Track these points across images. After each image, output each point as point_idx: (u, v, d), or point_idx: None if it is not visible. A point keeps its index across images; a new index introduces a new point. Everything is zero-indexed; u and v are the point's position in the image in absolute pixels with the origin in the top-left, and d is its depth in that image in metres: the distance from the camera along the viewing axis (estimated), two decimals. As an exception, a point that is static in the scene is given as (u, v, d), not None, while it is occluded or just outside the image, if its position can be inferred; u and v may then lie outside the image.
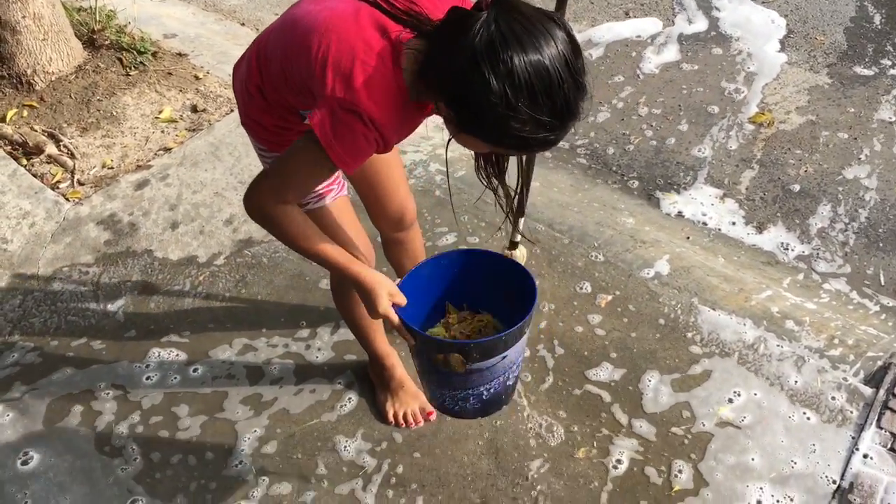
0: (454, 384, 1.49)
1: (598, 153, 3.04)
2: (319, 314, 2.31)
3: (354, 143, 1.31)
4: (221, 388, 2.13)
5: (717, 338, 2.17)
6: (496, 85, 1.16)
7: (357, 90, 1.28)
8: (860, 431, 1.91)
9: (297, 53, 1.40)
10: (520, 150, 1.36)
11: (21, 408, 2.11)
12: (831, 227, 2.67)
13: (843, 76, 3.33)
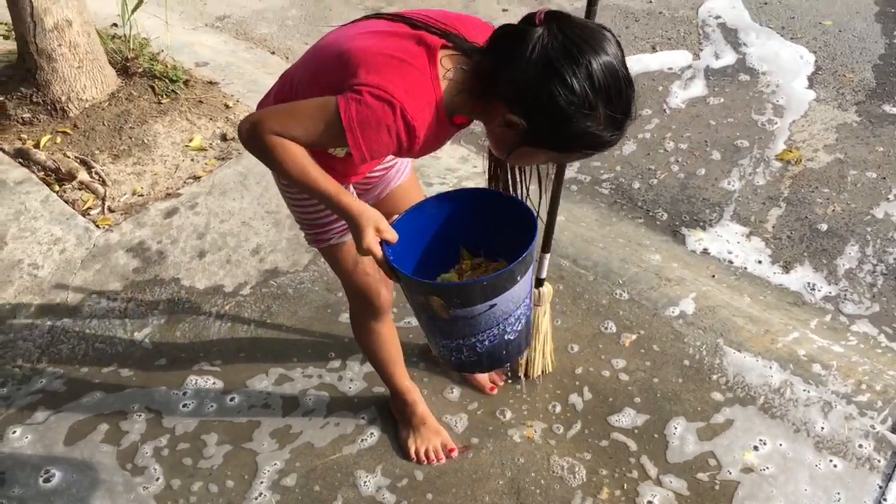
0: (444, 331, 1.45)
1: (624, 187, 3.04)
2: (344, 346, 2.32)
3: (377, 134, 1.32)
4: (248, 418, 2.14)
5: (742, 381, 2.15)
6: (578, 86, 1.22)
7: (394, 80, 1.31)
8: (888, 481, 1.89)
9: (330, 67, 1.43)
10: (590, 151, 1.35)
11: (44, 430, 2.13)
12: (859, 268, 2.65)
13: (871, 114, 3.31)
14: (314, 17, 4.44)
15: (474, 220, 1.55)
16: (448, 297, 1.36)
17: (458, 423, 2.10)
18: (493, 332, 1.43)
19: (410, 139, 1.33)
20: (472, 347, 1.45)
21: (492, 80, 1.31)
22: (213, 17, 4.50)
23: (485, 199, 1.55)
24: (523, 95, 1.27)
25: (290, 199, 1.73)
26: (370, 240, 1.38)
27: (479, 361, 1.49)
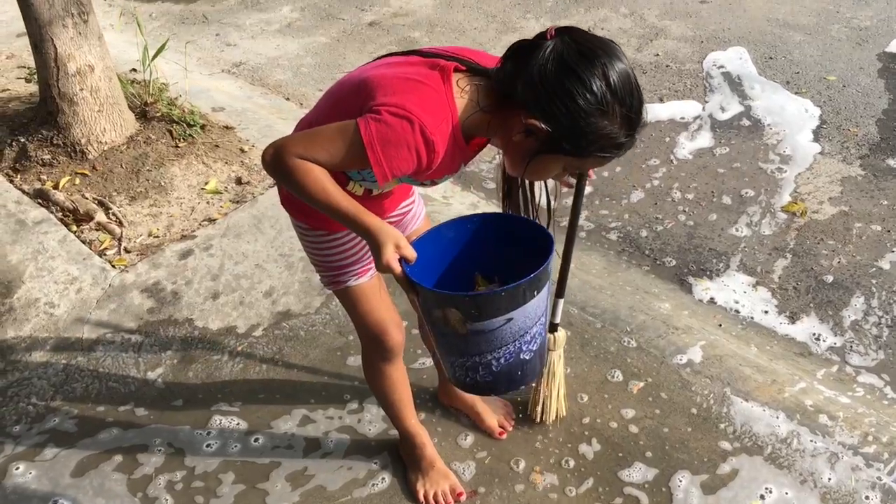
0: (459, 349, 1.47)
1: (632, 236, 3.09)
2: (355, 389, 2.35)
3: (398, 150, 1.36)
4: (256, 459, 2.17)
5: (749, 430, 2.17)
6: (596, 87, 1.30)
7: (411, 98, 1.37)
8: (895, 534, 1.89)
9: (348, 97, 1.49)
10: (605, 154, 1.40)
11: (52, 464, 2.16)
12: (865, 320, 2.68)
13: (876, 168, 3.36)
14: (328, 64, 4.54)
15: (491, 244, 1.59)
16: (466, 309, 1.39)
17: (467, 470, 2.12)
18: (509, 349, 1.45)
19: (430, 155, 1.38)
20: (487, 366, 1.47)
21: (510, 87, 1.37)
22: (230, 64, 4.61)
23: (502, 223, 1.60)
24: (543, 97, 1.33)
25: (307, 242, 1.78)
26: (390, 255, 1.41)
27: (494, 382, 1.51)
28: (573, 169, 1.50)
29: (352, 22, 5.00)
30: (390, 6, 5.16)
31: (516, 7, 5.00)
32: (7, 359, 2.54)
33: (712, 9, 4.70)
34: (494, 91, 1.42)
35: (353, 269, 1.78)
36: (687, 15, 4.67)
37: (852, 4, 4.60)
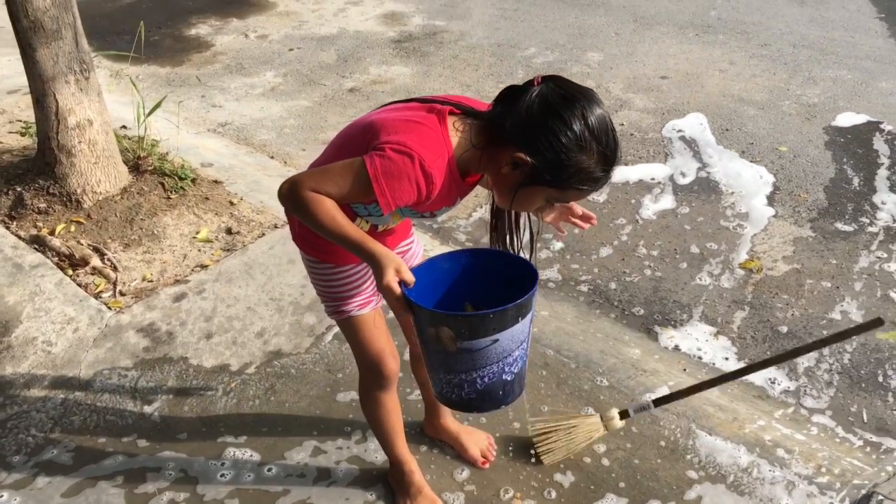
0: (449, 365, 1.62)
1: (601, 288, 3.29)
2: (349, 422, 2.48)
3: (399, 182, 1.54)
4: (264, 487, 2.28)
5: (713, 461, 2.34)
6: (576, 126, 1.49)
7: (411, 136, 1.56)
8: (847, 552, 2.06)
9: (355, 138, 1.68)
10: (583, 188, 1.59)
11: (56, 486, 2.24)
12: (817, 367, 2.89)
13: (825, 231, 3.63)
14: (310, 126, 4.76)
15: (480, 276, 1.76)
16: (458, 328, 1.55)
17: (454, 498, 2.25)
18: (493, 369, 1.61)
19: (428, 187, 1.57)
20: (472, 383, 1.63)
21: (500, 125, 1.57)
22: (216, 124, 4.80)
23: (491, 257, 1.78)
24: (529, 134, 1.52)
25: (316, 274, 1.95)
26: (390, 278, 1.56)
27: (477, 399, 1.67)
28: (554, 201, 1.68)
29: (333, 88, 5.24)
30: (369, 74, 5.43)
31: (489, 77, 5.30)
32: (6, 393, 2.63)
33: (672, 84, 5.03)
34: (485, 130, 1.63)
35: (356, 300, 1.94)
36: (649, 89, 4.99)
37: (801, 83, 4.96)
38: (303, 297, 3.03)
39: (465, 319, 1.58)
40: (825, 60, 5.20)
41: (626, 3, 6.28)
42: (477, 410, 1.74)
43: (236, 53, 5.83)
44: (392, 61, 5.58)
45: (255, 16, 6.58)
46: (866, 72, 5.02)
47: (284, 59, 5.71)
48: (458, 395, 1.68)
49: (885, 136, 4.33)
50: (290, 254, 3.26)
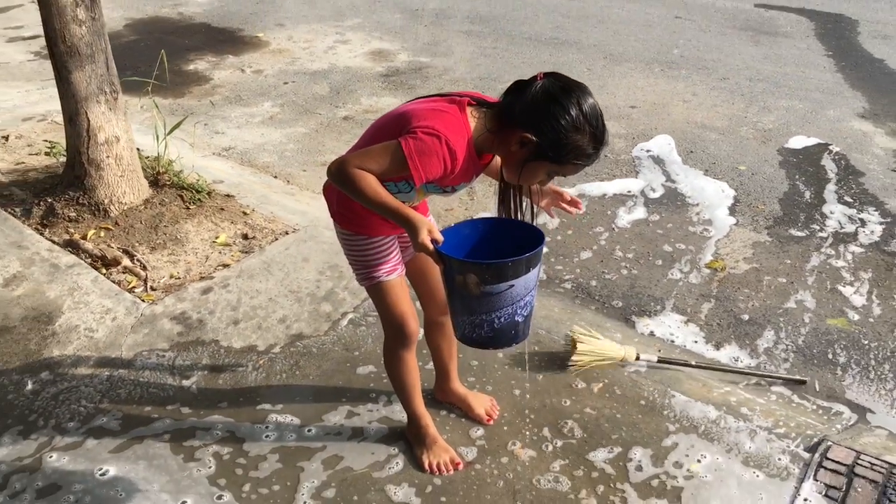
0: (472, 308, 1.96)
1: (583, 286, 3.67)
2: (363, 392, 2.82)
3: (431, 159, 1.92)
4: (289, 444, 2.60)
5: (686, 415, 2.71)
6: (573, 111, 1.87)
7: (437, 121, 1.94)
8: (801, 483, 2.43)
9: (388, 126, 2.06)
10: (578, 162, 1.97)
11: (102, 445, 2.55)
12: (775, 347, 3.28)
13: (780, 236, 4.06)
14: (309, 150, 5.13)
15: (495, 240, 2.12)
16: (482, 274, 1.90)
17: (463, 449, 2.59)
18: (507, 310, 1.97)
19: (453, 163, 1.95)
20: (490, 323, 1.98)
21: (510, 112, 1.95)
22: (220, 148, 5.15)
23: (504, 224, 2.15)
24: (534, 118, 1.91)
25: (349, 246, 2.30)
26: (424, 236, 1.92)
27: (493, 338, 2.02)
28: (554, 174, 2.06)
29: (327, 116, 5.63)
30: (361, 104, 5.83)
31: (473, 108, 5.72)
32: (55, 371, 2.93)
33: (640, 112, 5.49)
34: (497, 117, 2.01)
35: (384, 267, 2.30)
36: (619, 117, 5.44)
37: (757, 111, 5.45)
38: (318, 290, 3.37)
39: (488, 267, 1.94)
40: (779, 92, 5.70)
41: (596, 42, 6.79)
42: (492, 347, 2.09)
43: (234, 86, 6.21)
44: (381, 93, 5.99)
45: (250, 53, 6.98)
46: (816, 102, 5.53)
47: (280, 92, 6.10)
48: (478, 333, 2.03)
49: (832, 156, 4.80)
50: (304, 254, 3.61)
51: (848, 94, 5.63)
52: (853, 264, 3.80)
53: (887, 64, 6.13)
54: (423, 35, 7.20)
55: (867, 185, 4.49)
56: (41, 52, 7.01)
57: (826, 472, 2.47)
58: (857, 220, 4.17)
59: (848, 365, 3.16)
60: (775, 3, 7.53)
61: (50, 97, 5.75)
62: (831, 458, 2.52)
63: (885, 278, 3.69)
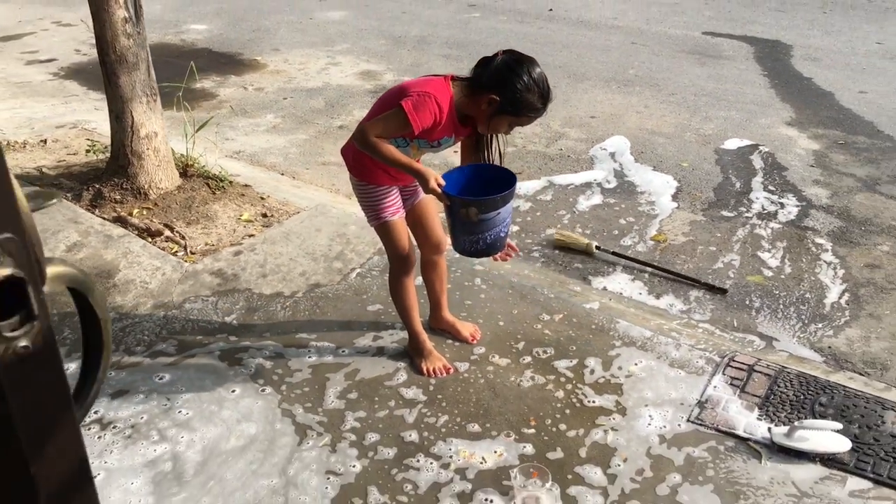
0: (471, 230, 2.71)
1: (548, 255, 4.41)
2: (373, 324, 3.53)
3: (425, 112, 2.65)
4: (311, 362, 3.30)
5: (627, 334, 3.45)
6: (525, 78, 2.60)
7: (428, 86, 2.68)
8: (713, 376, 3.17)
9: (392, 96, 2.80)
10: (531, 115, 2.73)
11: (148, 367, 3.23)
12: (703, 297, 4.03)
13: (713, 216, 4.84)
14: (310, 153, 5.86)
15: (480, 179, 2.87)
16: (480, 206, 2.65)
17: (453, 360, 3.30)
18: (496, 230, 2.71)
19: (440, 114, 2.68)
20: (484, 240, 2.73)
21: (478, 80, 2.71)
22: (231, 152, 5.87)
23: (485, 168, 2.90)
24: (496, 83, 2.66)
25: (363, 192, 3.03)
26: (433, 183, 2.67)
27: (486, 249, 2.79)
28: (514, 124, 2.82)
29: (324, 125, 6.38)
30: (353, 115, 6.58)
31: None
32: (120, 312, 3.61)
33: (599, 121, 6.30)
34: (470, 86, 2.76)
35: (389, 209, 3.03)
36: (581, 125, 6.24)
37: (700, 120, 6.27)
38: (330, 252, 4.09)
39: (484, 201, 2.69)
40: (719, 104, 6.54)
41: (561, 63, 7.62)
42: (485, 256, 2.84)
43: (239, 101, 6.95)
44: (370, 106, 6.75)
45: (250, 73, 7.73)
46: (750, 112, 6.37)
47: (281, 106, 6.84)
48: (476, 248, 2.78)
49: (761, 155, 5.62)
50: (316, 225, 4.32)
51: (778, 106, 6.48)
52: (771, 236, 4.59)
53: (814, 81, 7.01)
54: (407, 58, 7.99)
55: (789, 177, 5.30)
56: (59, 73, 7.72)
57: (732, 369, 3.22)
58: (777, 203, 4.97)
59: (761, 308, 3.93)
60: (721, 31, 8.44)
61: (74, 110, 6.46)
62: (737, 360, 3.28)
63: (797, 247, 4.48)
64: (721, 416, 2.97)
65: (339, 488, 2.70)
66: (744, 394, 3.08)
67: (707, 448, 2.85)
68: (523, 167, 5.51)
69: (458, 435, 2.93)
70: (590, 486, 2.71)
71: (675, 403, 3.06)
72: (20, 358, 0.54)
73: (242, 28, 9.22)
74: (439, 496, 2.68)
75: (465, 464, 2.80)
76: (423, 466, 2.80)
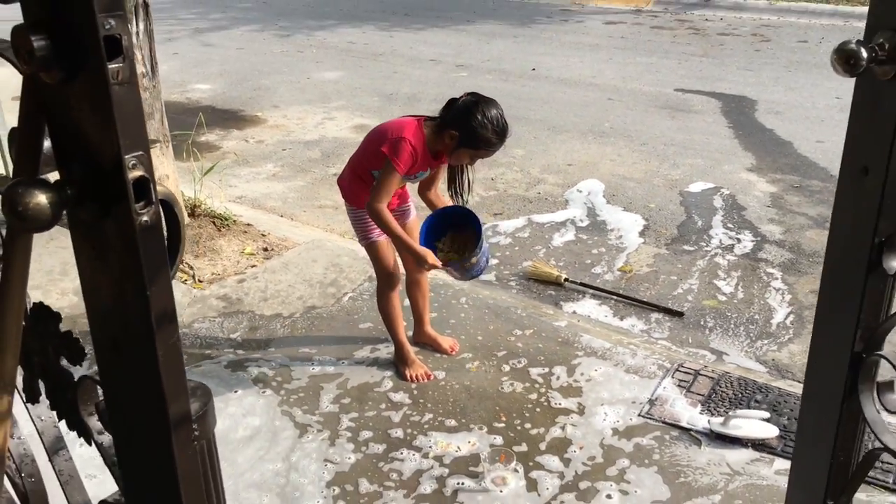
0: (472, 268, 3.25)
1: (524, 284, 4.85)
2: (362, 339, 3.94)
3: (404, 155, 3.12)
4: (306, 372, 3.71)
5: (590, 347, 3.87)
6: (479, 116, 3.06)
7: (405, 132, 3.15)
8: (663, 379, 3.58)
9: (373, 137, 3.27)
10: (488, 149, 3.19)
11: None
12: (662, 319, 4.46)
13: (676, 250, 5.30)
14: (307, 197, 6.33)
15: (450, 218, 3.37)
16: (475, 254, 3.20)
17: (436, 372, 3.71)
18: (482, 262, 3.25)
19: (415, 155, 3.16)
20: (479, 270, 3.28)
21: (444, 119, 3.19)
22: (234, 197, 6.33)
23: (457, 210, 3.38)
24: (457, 119, 3.13)
25: (355, 217, 3.48)
26: (431, 261, 3.22)
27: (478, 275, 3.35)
28: (473, 157, 3.28)
29: (320, 173, 6.87)
30: (348, 165, 7.08)
31: (440, 167, 7.00)
32: (136, 330, 4.01)
33: (575, 168, 6.79)
34: (438, 124, 3.24)
35: (375, 230, 3.47)
36: (558, 171, 6.74)
37: (668, 167, 6.77)
38: (325, 279, 4.52)
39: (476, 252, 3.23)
40: (686, 153, 7.06)
41: (542, 117, 8.16)
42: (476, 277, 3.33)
43: (241, 152, 7.45)
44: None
45: (251, 128, 8.25)
46: (715, 159, 6.88)
47: (280, 156, 7.34)
48: (479, 273, 3.31)
49: (722, 196, 6.11)
50: (313, 257, 4.77)
51: (741, 154, 7.00)
52: (727, 267, 5.04)
53: (775, 132, 7.55)
54: (398, 113, 8.52)
55: (747, 216, 5.78)
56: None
57: (680, 373, 3.64)
58: (735, 238, 5.43)
59: (714, 328, 4.35)
60: (691, 88, 9.03)
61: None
62: (685, 366, 3.70)
63: (750, 276, 4.92)
64: (668, 411, 3.38)
65: (334, 474, 3.09)
66: (689, 393, 3.49)
67: (654, 437, 3.25)
68: (504, 209, 5.98)
69: (438, 429, 3.32)
70: (549, 471, 3.10)
71: (627, 402, 3.47)
72: (143, 228, 0.98)
73: (244, 87, 9.79)
74: (420, 480, 3.06)
75: (442, 452, 3.20)
76: (407, 457, 3.19)
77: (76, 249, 1.05)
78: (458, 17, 13.84)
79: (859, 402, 1.66)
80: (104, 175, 0.96)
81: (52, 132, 1.04)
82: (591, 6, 14.62)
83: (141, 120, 1.00)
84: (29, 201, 0.93)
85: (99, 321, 1.07)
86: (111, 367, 1.11)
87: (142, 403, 1.13)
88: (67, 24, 0.88)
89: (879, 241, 1.57)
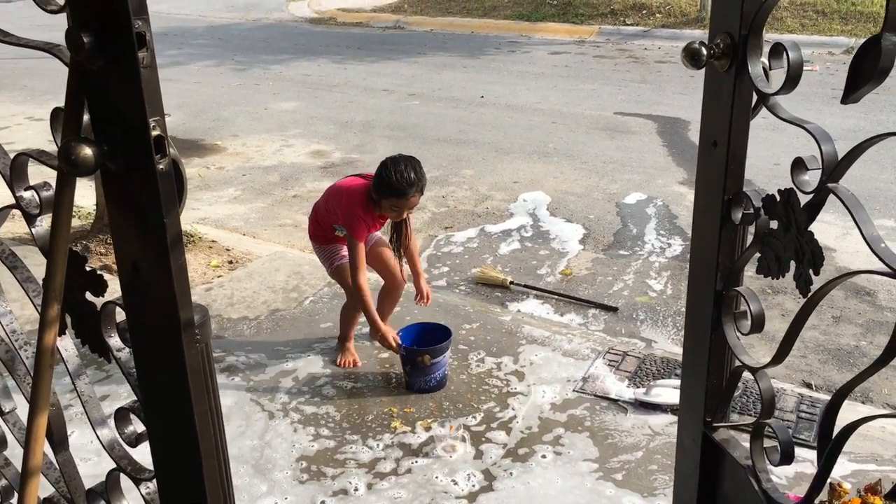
0: (424, 372, 3.63)
1: (473, 289, 5.24)
2: (321, 338, 4.29)
3: (358, 226, 3.59)
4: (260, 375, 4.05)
5: (531, 335, 4.27)
6: (386, 172, 3.54)
7: (356, 208, 3.60)
8: (594, 361, 3.99)
9: (333, 197, 3.71)
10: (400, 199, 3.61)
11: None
12: (598, 313, 4.88)
13: (612, 255, 5.75)
14: (268, 217, 6.68)
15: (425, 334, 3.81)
16: (432, 354, 3.58)
17: (387, 361, 4.08)
18: (441, 370, 3.66)
19: (367, 223, 3.64)
20: (435, 378, 3.68)
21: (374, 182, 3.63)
22: (197, 219, 6.65)
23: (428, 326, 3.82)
24: (375, 177, 3.60)
25: (322, 252, 3.95)
26: (391, 339, 3.67)
27: (435, 386, 3.72)
28: (391, 207, 3.68)
29: (280, 196, 7.22)
30: (306, 187, 7.45)
31: (394, 187, 7.40)
32: (111, 335, 4.32)
33: (521, 185, 7.25)
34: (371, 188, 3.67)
35: (337, 255, 3.88)
36: (505, 189, 7.18)
37: (607, 182, 7.26)
38: (287, 285, 4.87)
39: (434, 350, 3.62)
40: (623, 169, 7.56)
41: (490, 140, 8.63)
42: (434, 390, 3.71)
43: (202, 178, 7.77)
44: (321, 179, 7.63)
45: (212, 156, 8.59)
46: (650, 175, 7.39)
47: (240, 181, 7.68)
48: (428, 385, 3.71)
49: (655, 206, 6.60)
50: (275, 266, 5.11)
51: (674, 169, 7.52)
52: (658, 268, 5.50)
53: (706, 149, 8.09)
54: (353, 140, 8.95)
55: (678, 223, 6.27)
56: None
57: (611, 355, 4.06)
58: (666, 243, 5.90)
59: (645, 320, 4.79)
60: (630, 111, 9.59)
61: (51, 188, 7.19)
62: (615, 349, 4.11)
63: (678, 275, 5.38)
64: (599, 386, 3.78)
65: (301, 452, 3.43)
66: (618, 371, 3.91)
67: (585, 408, 3.65)
68: (454, 223, 6.39)
69: (395, 416, 3.69)
70: (494, 443, 3.48)
71: (563, 381, 3.87)
72: (161, 173, 1.35)
73: (203, 118, 10.13)
74: (377, 457, 3.42)
75: (394, 428, 3.56)
76: (367, 437, 3.54)
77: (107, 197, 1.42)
78: (410, 50, 14.35)
79: (723, 332, 2.09)
80: (133, 133, 1.34)
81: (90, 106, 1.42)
82: (538, 37, 15.24)
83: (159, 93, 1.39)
84: (79, 153, 1.31)
85: (123, 252, 1.43)
86: (132, 287, 1.48)
87: (157, 313, 1.51)
88: (108, 24, 1.27)
89: (728, 199, 2.03)
